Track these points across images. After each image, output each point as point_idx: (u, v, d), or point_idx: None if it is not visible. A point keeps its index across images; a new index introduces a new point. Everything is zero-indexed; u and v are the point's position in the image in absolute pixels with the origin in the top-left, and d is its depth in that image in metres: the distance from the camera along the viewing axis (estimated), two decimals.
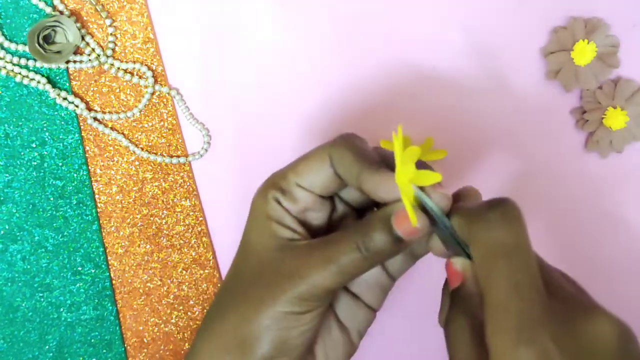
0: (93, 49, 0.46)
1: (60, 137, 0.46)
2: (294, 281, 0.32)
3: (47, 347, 0.47)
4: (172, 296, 0.47)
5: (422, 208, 0.31)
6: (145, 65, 0.46)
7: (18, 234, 0.46)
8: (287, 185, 0.34)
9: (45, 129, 0.46)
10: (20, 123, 0.46)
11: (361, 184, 0.32)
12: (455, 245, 0.31)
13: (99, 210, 0.46)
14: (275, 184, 0.34)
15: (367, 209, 0.37)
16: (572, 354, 0.27)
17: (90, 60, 0.46)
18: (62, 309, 0.46)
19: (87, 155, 0.46)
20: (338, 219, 0.37)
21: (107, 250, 0.46)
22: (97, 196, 0.46)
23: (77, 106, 0.46)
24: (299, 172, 0.34)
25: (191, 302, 0.47)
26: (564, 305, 0.28)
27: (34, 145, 0.46)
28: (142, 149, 0.46)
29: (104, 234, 0.46)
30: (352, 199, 0.37)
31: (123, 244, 0.47)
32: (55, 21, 0.44)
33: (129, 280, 0.47)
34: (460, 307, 0.30)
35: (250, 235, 0.35)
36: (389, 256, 0.33)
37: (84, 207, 0.46)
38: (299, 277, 0.32)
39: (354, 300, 0.37)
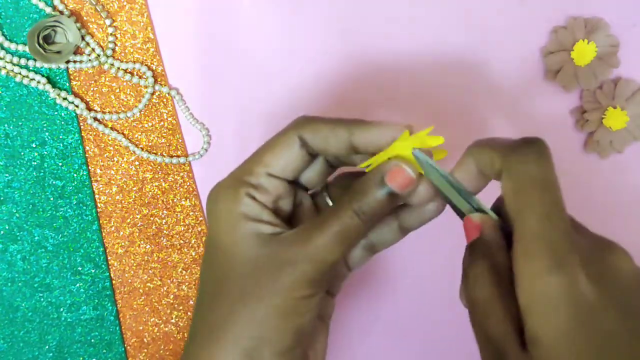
0: (93, 49, 0.46)
1: (60, 137, 0.46)
2: (299, 265, 0.32)
3: (47, 347, 0.46)
4: (172, 296, 0.47)
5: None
6: (145, 65, 0.46)
7: (18, 234, 0.46)
8: (256, 179, 0.34)
9: (45, 129, 0.46)
10: (20, 123, 0.46)
11: (355, 139, 0.34)
12: (455, 196, 0.33)
13: (99, 210, 0.46)
14: (243, 181, 0.34)
15: (320, 193, 0.38)
16: (597, 281, 0.28)
17: (90, 60, 0.46)
18: (62, 309, 0.46)
19: (87, 155, 0.46)
20: (297, 204, 0.37)
21: (107, 250, 0.46)
22: (97, 196, 0.46)
23: (77, 106, 0.46)
24: (268, 162, 0.34)
25: (191, 302, 0.47)
26: (589, 239, 0.30)
27: (34, 145, 0.46)
28: (142, 149, 0.46)
29: (104, 234, 0.46)
30: (308, 180, 0.37)
31: (123, 244, 0.47)
32: (55, 21, 0.44)
33: (129, 280, 0.47)
34: (479, 253, 0.31)
35: (222, 238, 0.34)
36: (383, 215, 0.34)
37: (84, 207, 0.46)
38: (304, 260, 0.32)
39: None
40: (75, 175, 0.46)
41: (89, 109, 0.46)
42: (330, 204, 0.37)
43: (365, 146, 0.34)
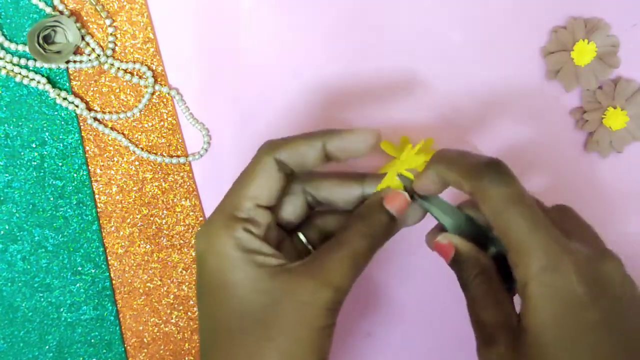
0: (93, 49, 0.46)
1: (60, 137, 0.46)
2: (319, 294, 0.33)
3: (47, 347, 0.47)
4: (172, 296, 0.47)
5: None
6: (145, 65, 0.46)
7: (18, 234, 0.46)
8: (246, 213, 0.35)
9: (45, 129, 0.46)
10: (20, 123, 0.46)
11: (330, 146, 0.36)
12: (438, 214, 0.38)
13: (99, 210, 0.46)
14: (235, 217, 0.35)
15: (294, 234, 0.39)
16: (587, 282, 0.31)
17: (90, 60, 0.46)
18: (62, 309, 0.46)
19: (87, 155, 0.46)
20: (280, 240, 0.38)
21: (107, 250, 0.46)
22: (97, 196, 0.46)
23: (77, 106, 0.46)
24: (254, 194, 0.35)
25: (191, 302, 0.47)
26: (584, 245, 0.33)
27: (34, 145, 0.46)
28: (142, 149, 0.46)
29: (104, 234, 0.46)
30: (288, 220, 0.38)
31: (123, 244, 0.47)
32: (55, 21, 0.44)
33: (129, 280, 0.47)
34: (468, 263, 0.36)
35: (228, 277, 0.34)
36: (386, 237, 0.37)
37: (84, 207, 0.46)
38: (322, 289, 0.33)
39: None
40: (75, 175, 0.46)
41: (89, 109, 0.46)
42: (305, 240, 0.38)
43: (340, 153, 0.36)
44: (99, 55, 0.45)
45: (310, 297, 0.33)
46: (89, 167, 0.46)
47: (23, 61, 0.45)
